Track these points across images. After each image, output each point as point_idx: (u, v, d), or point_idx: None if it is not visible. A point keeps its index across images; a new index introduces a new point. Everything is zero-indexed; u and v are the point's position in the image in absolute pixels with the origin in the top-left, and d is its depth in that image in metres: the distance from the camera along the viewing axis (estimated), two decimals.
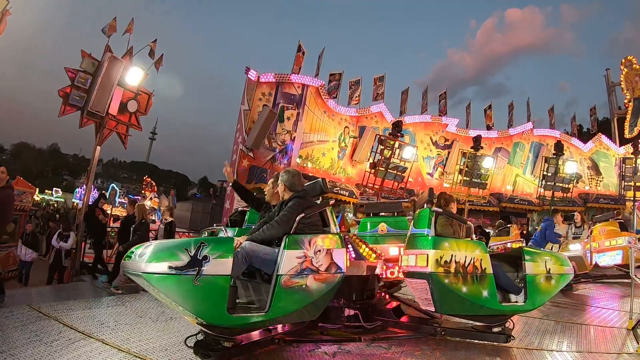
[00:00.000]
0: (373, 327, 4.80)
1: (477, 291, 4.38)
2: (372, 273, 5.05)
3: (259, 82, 18.08)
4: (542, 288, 4.70)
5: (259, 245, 3.72)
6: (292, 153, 18.51)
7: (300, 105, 18.71)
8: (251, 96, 17.94)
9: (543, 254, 4.94)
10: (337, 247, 4.00)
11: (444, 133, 22.66)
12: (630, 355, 4.66)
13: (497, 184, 22.38)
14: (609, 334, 5.53)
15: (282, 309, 3.60)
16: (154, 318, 5.16)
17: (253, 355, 3.87)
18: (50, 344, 4.04)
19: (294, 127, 18.66)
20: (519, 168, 23.32)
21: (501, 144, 23.11)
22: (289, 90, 18.64)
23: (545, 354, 4.61)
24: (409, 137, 21.29)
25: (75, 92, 8.60)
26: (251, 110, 17.80)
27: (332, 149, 19.91)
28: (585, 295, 8.68)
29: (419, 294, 4.59)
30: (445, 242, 4.43)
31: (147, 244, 3.29)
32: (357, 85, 20.94)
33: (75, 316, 5.01)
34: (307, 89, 18.80)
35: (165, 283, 3.14)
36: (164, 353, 3.95)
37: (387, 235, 5.75)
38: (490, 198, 21.60)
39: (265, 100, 18.13)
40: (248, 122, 17.65)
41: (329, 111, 19.71)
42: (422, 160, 22.12)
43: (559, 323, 6.01)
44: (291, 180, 4.14)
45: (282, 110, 18.31)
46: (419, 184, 21.52)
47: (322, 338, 4.51)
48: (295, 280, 3.65)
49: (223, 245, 3.37)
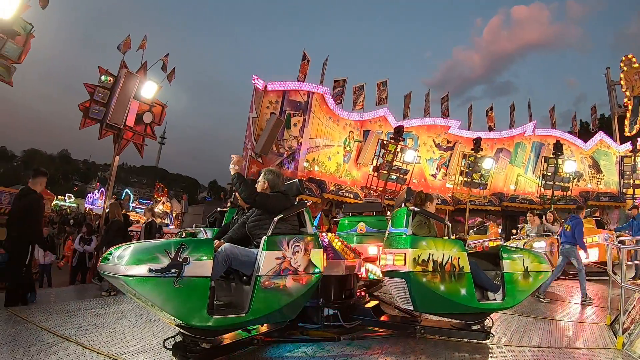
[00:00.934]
0: (352, 327, 4.80)
1: (455, 289, 4.41)
2: (351, 272, 5.08)
3: (266, 90, 18.87)
4: (519, 285, 4.74)
5: (239, 247, 3.74)
6: (299, 158, 19.26)
7: (306, 111, 19.40)
8: (259, 104, 18.72)
9: (520, 252, 4.99)
10: (315, 247, 4.05)
11: (446, 135, 23.20)
12: (609, 351, 4.72)
13: (499, 184, 23.06)
14: (588, 330, 5.61)
15: (261, 309, 3.63)
16: (133, 320, 5.14)
17: (232, 356, 3.87)
18: (28, 348, 4.00)
19: (300, 132, 19.33)
20: (520, 168, 23.72)
21: (503, 144, 23.57)
22: (295, 97, 19.36)
23: (524, 351, 4.64)
24: (412, 139, 22.09)
25: (95, 106, 9.34)
26: (259, 118, 18.60)
27: (338, 153, 20.67)
28: (564, 292, 8.77)
29: (398, 293, 4.63)
30: (422, 241, 4.45)
31: (125, 246, 3.24)
32: (361, 90, 21.54)
33: (53, 320, 4.97)
34: (312, 96, 19.47)
35: (145, 286, 3.11)
36: (143, 355, 3.94)
37: (366, 235, 5.79)
38: (492, 198, 22.18)
39: (272, 108, 18.96)
40: (256, 129, 18.44)
41: (334, 117, 20.43)
42: (425, 162, 22.76)
43: (538, 320, 6.08)
44: (275, 180, 4.24)
45: (288, 117, 19.04)
46: (423, 185, 22.14)
47: (300, 338, 4.51)
48: (275, 281, 3.69)
49: (203, 247, 3.37)
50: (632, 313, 5.20)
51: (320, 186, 19.00)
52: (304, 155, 19.41)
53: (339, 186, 19.41)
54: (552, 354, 4.54)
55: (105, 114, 9.42)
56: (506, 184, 23.38)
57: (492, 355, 4.42)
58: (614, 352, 4.64)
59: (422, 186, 21.80)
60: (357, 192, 19.79)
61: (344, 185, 19.91)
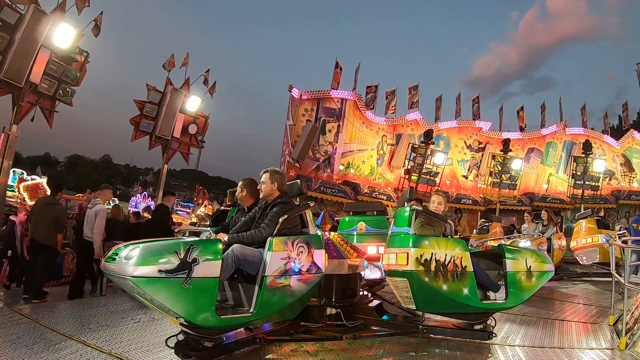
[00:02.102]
0: (355, 326, 4.81)
1: (458, 289, 4.40)
2: (353, 272, 5.09)
3: (302, 99, 20.25)
4: (522, 285, 4.71)
5: (247, 248, 3.77)
6: (335, 162, 20.44)
7: (340, 118, 20.55)
8: (295, 112, 20.15)
9: (524, 252, 4.96)
10: (317, 248, 4.10)
11: (477, 136, 23.45)
12: (612, 351, 4.70)
13: (530, 184, 23.15)
14: (591, 330, 5.60)
15: (267, 308, 3.67)
16: (136, 319, 5.15)
17: (235, 355, 3.88)
18: (31, 347, 4.01)
19: (335, 138, 20.53)
20: (552, 167, 23.64)
21: (534, 144, 23.61)
22: (329, 104, 20.63)
23: (527, 351, 4.62)
24: (444, 142, 22.72)
25: (145, 120, 10.33)
26: (295, 125, 20.02)
27: (371, 157, 21.62)
28: (567, 292, 8.76)
29: (400, 293, 4.63)
30: (425, 241, 4.45)
31: (131, 246, 3.22)
32: (392, 95, 22.27)
33: (56, 318, 5.00)
34: (345, 103, 20.62)
35: (155, 286, 3.10)
36: (146, 354, 3.94)
37: (366, 234, 5.80)
38: (523, 198, 22.24)
39: (308, 116, 20.33)
40: (293, 136, 19.83)
41: (367, 122, 21.38)
42: (456, 164, 23.22)
43: (541, 319, 6.07)
44: (283, 180, 4.25)
45: (323, 124, 20.29)
46: (455, 186, 22.94)
47: (303, 337, 4.52)
48: (279, 280, 3.72)
49: (212, 248, 3.38)
50: (635, 313, 5.18)
51: (354, 189, 19.93)
52: (339, 159, 20.45)
53: (372, 188, 20.38)
54: (555, 354, 4.52)
55: (154, 127, 10.49)
56: (537, 184, 23.38)
57: (494, 355, 4.40)
58: (617, 352, 4.62)
59: (453, 187, 22.76)
60: (390, 194, 20.71)
61: (377, 188, 20.79)
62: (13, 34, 6.92)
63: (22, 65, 6.96)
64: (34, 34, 6.99)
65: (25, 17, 6.92)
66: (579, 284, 9.96)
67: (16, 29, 6.91)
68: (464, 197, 22.55)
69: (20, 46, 6.85)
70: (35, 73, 7.13)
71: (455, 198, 22.40)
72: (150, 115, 10.48)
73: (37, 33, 7.02)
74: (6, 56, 6.75)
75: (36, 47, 7.06)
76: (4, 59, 6.78)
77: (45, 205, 7.25)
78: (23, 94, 7.11)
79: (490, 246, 5.68)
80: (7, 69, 6.79)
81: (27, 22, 6.88)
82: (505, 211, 21.44)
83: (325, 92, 20.56)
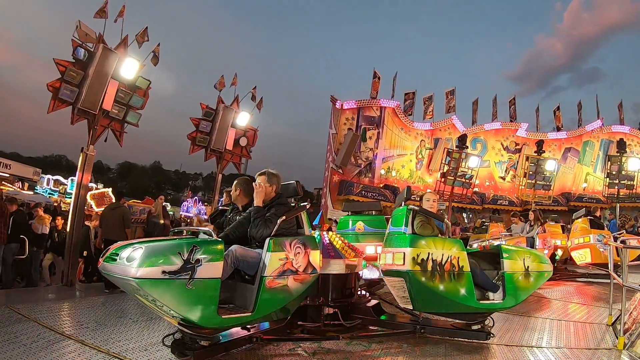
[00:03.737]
0: (352, 325, 4.81)
1: (455, 289, 4.39)
2: (351, 271, 5.09)
3: (343, 108, 21.57)
4: (520, 286, 4.70)
5: (248, 249, 3.82)
6: (375, 167, 21.76)
7: (379, 125, 21.78)
8: (337, 121, 21.40)
9: (522, 252, 4.94)
10: (313, 248, 4.17)
11: (514, 138, 23.96)
12: (610, 351, 4.70)
13: (567, 184, 23.53)
14: (589, 330, 5.59)
15: (265, 308, 3.71)
16: (135, 318, 5.16)
17: (233, 354, 3.90)
18: (29, 346, 4.03)
19: (375, 144, 21.79)
20: (589, 167, 23.85)
21: (571, 143, 23.92)
22: (369, 113, 21.84)
23: (525, 351, 4.63)
24: (481, 144, 23.57)
25: (200, 135, 11.54)
26: (338, 134, 21.26)
27: (410, 161, 22.91)
28: (566, 292, 8.76)
29: (397, 292, 4.64)
30: (422, 240, 4.44)
31: (132, 246, 3.20)
32: (430, 100, 23.31)
33: (55, 317, 5.03)
34: (384, 111, 21.83)
35: (158, 288, 3.09)
36: (143, 353, 3.96)
37: (364, 234, 5.81)
38: (559, 198, 22.57)
39: (349, 124, 21.58)
40: (336, 143, 21.03)
41: (405, 128, 22.60)
42: (494, 166, 24.01)
43: (539, 319, 6.08)
44: (280, 182, 4.33)
45: (364, 132, 21.59)
46: (492, 187, 23.73)
47: (300, 336, 4.53)
48: (278, 281, 3.77)
49: (215, 249, 3.39)
50: (633, 313, 5.16)
51: (394, 192, 20.87)
52: (379, 165, 21.79)
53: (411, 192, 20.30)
54: (553, 354, 4.53)
55: (209, 141, 11.72)
56: (575, 183, 23.63)
57: (492, 355, 4.41)
58: (615, 352, 4.62)
59: (491, 188, 23.51)
60: None
61: (416, 191, 20.52)
62: (86, 69, 8.04)
63: (96, 95, 8.07)
64: (104, 69, 8.09)
65: (96, 54, 8.06)
66: (578, 283, 9.95)
67: (88, 65, 8.06)
68: (500, 197, 23.10)
69: (93, 79, 7.95)
70: (107, 101, 8.23)
71: (491, 199, 23.02)
72: (205, 130, 11.77)
73: (106, 67, 8.11)
74: (82, 89, 7.90)
75: (106, 80, 8.17)
76: (80, 91, 7.92)
77: (112, 209, 8.72)
78: (97, 119, 8.24)
79: (488, 246, 5.66)
80: (83, 99, 7.92)
81: (98, 58, 8.04)
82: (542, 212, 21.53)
83: (364, 101, 21.78)
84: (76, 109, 8.07)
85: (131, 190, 53.11)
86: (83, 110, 8.10)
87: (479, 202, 23.02)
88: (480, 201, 23.05)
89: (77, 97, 8.06)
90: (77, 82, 7.97)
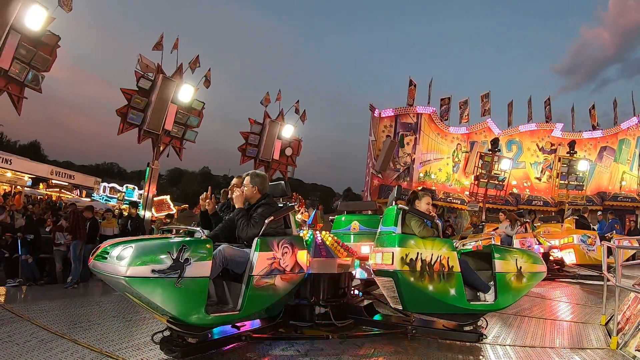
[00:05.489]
0: (344, 325, 4.81)
1: (444, 289, 4.36)
2: (344, 271, 5.11)
3: (381, 117, 22.68)
4: (512, 286, 4.63)
5: (236, 249, 3.87)
6: (413, 171, 22.53)
7: (416, 131, 22.63)
8: (376, 129, 22.58)
9: (514, 252, 4.87)
10: (300, 248, 4.23)
11: (549, 138, 24.08)
12: (603, 351, 4.69)
13: (603, 183, 23.36)
14: (583, 330, 5.58)
15: (253, 306, 3.76)
16: (128, 317, 5.20)
17: (226, 353, 3.94)
18: (23, 345, 4.08)
19: (413, 150, 22.63)
20: (625, 165, 23.50)
21: (606, 142, 23.72)
22: (406, 120, 22.80)
23: (518, 350, 4.62)
24: (516, 146, 23.89)
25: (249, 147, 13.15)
26: (377, 141, 22.43)
27: (447, 165, 23.49)
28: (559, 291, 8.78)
29: (388, 292, 4.63)
30: (411, 240, 4.41)
31: (123, 245, 3.24)
32: (465, 105, 23.91)
33: (48, 316, 5.06)
34: (421, 117, 22.64)
35: (147, 286, 3.13)
36: (136, 352, 3.99)
37: (360, 234, 5.80)
38: (594, 197, 22.50)
39: (387, 131, 22.71)
40: (375, 150, 22.18)
41: (441, 132, 23.22)
42: (529, 167, 24.19)
43: (533, 319, 6.08)
44: (263, 183, 4.33)
45: (402, 138, 22.59)
46: (528, 188, 23.88)
47: (288, 335, 4.54)
48: (265, 280, 3.82)
49: (203, 248, 3.43)
50: (627, 313, 5.16)
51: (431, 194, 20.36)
52: (417, 169, 22.57)
53: (447, 194, 22.58)
54: (546, 354, 4.52)
55: (257, 152, 13.13)
56: (611, 182, 23.37)
57: (485, 354, 4.41)
58: (608, 352, 4.61)
59: (527, 189, 23.74)
60: (464, 198, 22.65)
61: (452, 193, 22.89)
62: (149, 96, 9.58)
63: (159, 118, 9.68)
64: (164, 95, 9.65)
65: (157, 83, 9.54)
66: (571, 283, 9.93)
67: (151, 93, 9.60)
68: (535, 198, 23.20)
69: (156, 105, 9.55)
70: (168, 122, 9.84)
71: (526, 200, 23.12)
72: (254, 143, 13.10)
73: (166, 94, 9.67)
74: (146, 113, 9.46)
75: (167, 104, 9.72)
76: (145, 115, 9.48)
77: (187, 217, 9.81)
78: (160, 138, 9.81)
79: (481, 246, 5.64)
80: (148, 122, 9.51)
81: (159, 86, 9.50)
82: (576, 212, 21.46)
83: (401, 109, 22.74)
84: (142, 130, 9.52)
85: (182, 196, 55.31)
86: (148, 131, 9.61)
87: (514, 203, 23.05)
88: (515, 202, 23.16)
89: (143, 120, 9.59)
90: (142, 107, 9.47)
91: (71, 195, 24.12)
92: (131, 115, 9.30)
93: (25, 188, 21.79)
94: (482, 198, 20.44)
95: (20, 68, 7.35)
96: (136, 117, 9.44)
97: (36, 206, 15.60)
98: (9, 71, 7.16)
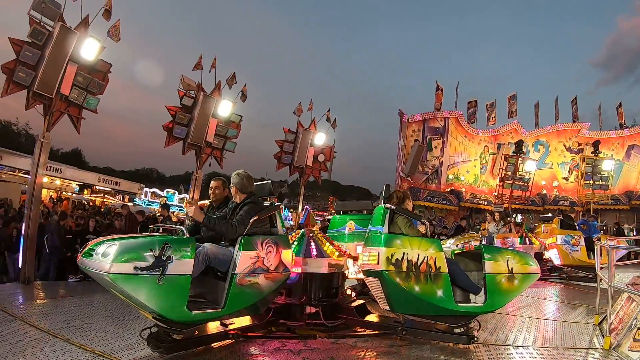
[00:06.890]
0: (335, 325, 4.84)
1: (431, 290, 4.29)
2: (336, 271, 5.13)
3: (409, 122, 23.31)
4: (503, 288, 4.54)
5: (219, 247, 3.93)
6: (442, 174, 23.09)
7: (444, 134, 23.22)
8: (405, 134, 23.28)
9: (505, 253, 4.78)
10: (285, 247, 4.30)
11: (576, 138, 24.13)
12: (596, 351, 4.68)
13: (632, 182, 23.30)
14: (576, 329, 5.57)
15: (236, 304, 3.84)
16: (121, 317, 5.23)
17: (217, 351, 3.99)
18: (16, 344, 4.10)
19: (440, 153, 23.22)
20: None
21: (634, 140, 23.63)
22: (433, 124, 23.40)
23: (511, 350, 4.62)
24: (543, 146, 24.07)
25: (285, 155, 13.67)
26: (406, 145, 23.04)
27: (475, 167, 24.06)
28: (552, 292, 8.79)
29: (376, 293, 4.57)
30: (397, 240, 4.35)
31: (108, 242, 3.32)
32: (492, 107, 24.14)
33: (41, 316, 5.11)
34: (448, 121, 23.18)
35: (130, 283, 3.22)
36: (129, 352, 4.01)
37: (355, 234, 5.82)
38: (621, 197, 22.48)
39: (415, 136, 23.34)
40: (404, 154, 22.81)
41: (469, 135, 23.76)
42: (557, 167, 24.41)
43: (526, 319, 6.08)
44: (243, 182, 4.35)
45: (430, 142, 23.11)
46: (556, 188, 24.03)
47: (278, 334, 4.60)
48: (248, 278, 3.89)
49: (185, 246, 3.50)
50: (619, 313, 5.14)
51: (457, 196, 22.50)
52: (445, 171, 23.12)
53: (474, 195, 23.05)
54: (539, 354, 4.53)
55: (292, 159, 13.72)
56: (639, 181, 23.27)
57: (478, 354, 4.40)
58: (602, 352, 4.60)
59: (555, 189, 24.35)
60: (491, 199, 22.88)
61: (479, 194, 23.35)
62: (191, 112, 10.40)
63: (201, 131, 10.50)
64: (205, 110, 10.46)
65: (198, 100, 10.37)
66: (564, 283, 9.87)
67: (193, 109, 10.41)
68: (562, 198, 23.14)
69: (198, 120, 10.37)
70: (209, 135, 10.71)
71: (552, 200, 23.10)
72: (288, 151, 13.67)
73: (207, 109, 10.50)
74: (190, 127, 10.35)
75: (208, 119, 10.58)
76: (189, 130, 10.36)
77: None
78: (203, 149, 10.74)
79: (473, 246, 5.61)
80: (191, 136, 10.35)
81: (200, 103, 10.35)
82: (602, 211, 21.79)
83: (430, 114, 23.26)
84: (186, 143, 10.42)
85: None
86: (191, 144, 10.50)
87: (540, 204, 23.16)
88: (541, 202, 23.22)
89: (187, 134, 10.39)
90: (185, 122, 10.30)
91: (114, 200, 25.12)
92: (176, 129, 10.20)
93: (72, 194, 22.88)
94: (507, 199, 20.89)
95: (78, 93, 7.95)
96: (181, 132, 10.28)
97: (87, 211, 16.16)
98: (69, 96, 7.74)
